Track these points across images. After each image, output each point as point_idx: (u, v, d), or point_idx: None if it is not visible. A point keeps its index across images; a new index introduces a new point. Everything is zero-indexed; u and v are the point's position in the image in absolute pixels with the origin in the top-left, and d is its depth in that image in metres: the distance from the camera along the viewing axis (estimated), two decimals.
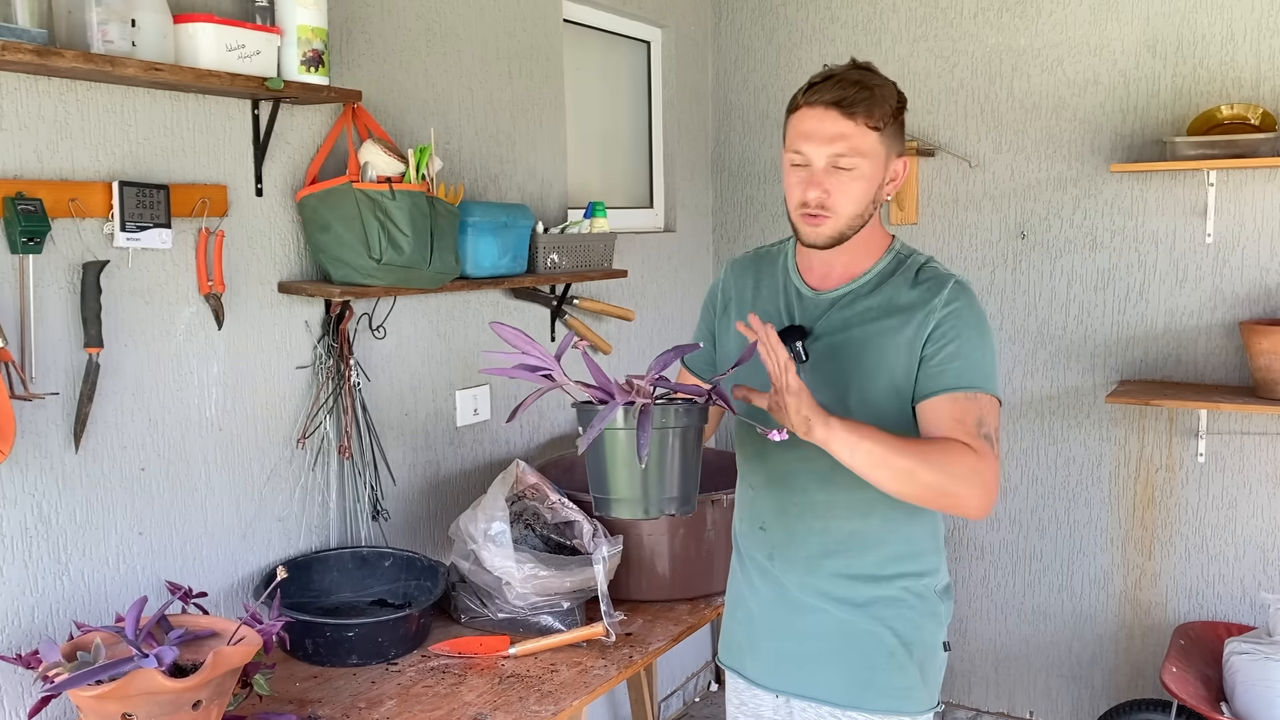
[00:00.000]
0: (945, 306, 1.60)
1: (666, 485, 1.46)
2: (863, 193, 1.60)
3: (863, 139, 1.58)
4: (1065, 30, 3.15)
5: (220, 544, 2.10)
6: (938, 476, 1.48)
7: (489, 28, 2.69)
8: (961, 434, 1.53)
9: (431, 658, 2.06)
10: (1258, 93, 2.92)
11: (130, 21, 1.75)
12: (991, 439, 1.54)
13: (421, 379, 2.53)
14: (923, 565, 1.72)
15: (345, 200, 2.10)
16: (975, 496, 1.50)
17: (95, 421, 1.87)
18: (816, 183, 1.59)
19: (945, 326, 1.59)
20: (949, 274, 1.66)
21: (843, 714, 1.71)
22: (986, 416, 1.55)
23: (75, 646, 1.62)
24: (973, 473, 1.50)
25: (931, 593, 1.72)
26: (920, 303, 1.62)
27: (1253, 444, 3.01)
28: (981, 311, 1.63)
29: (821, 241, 1.63)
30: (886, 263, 1.69)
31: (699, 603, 2.36)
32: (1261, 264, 2.96)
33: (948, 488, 1.49)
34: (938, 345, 1.58)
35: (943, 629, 1.75)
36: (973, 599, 3.47)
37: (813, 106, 1.59)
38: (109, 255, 1.85)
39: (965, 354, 1.58)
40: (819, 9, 3.52)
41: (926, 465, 1.48)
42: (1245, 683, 2.59)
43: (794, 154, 1.61)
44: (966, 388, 1.56)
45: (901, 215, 3.42)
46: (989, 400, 1.57)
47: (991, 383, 1.59)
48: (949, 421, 1.55)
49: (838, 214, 1.60)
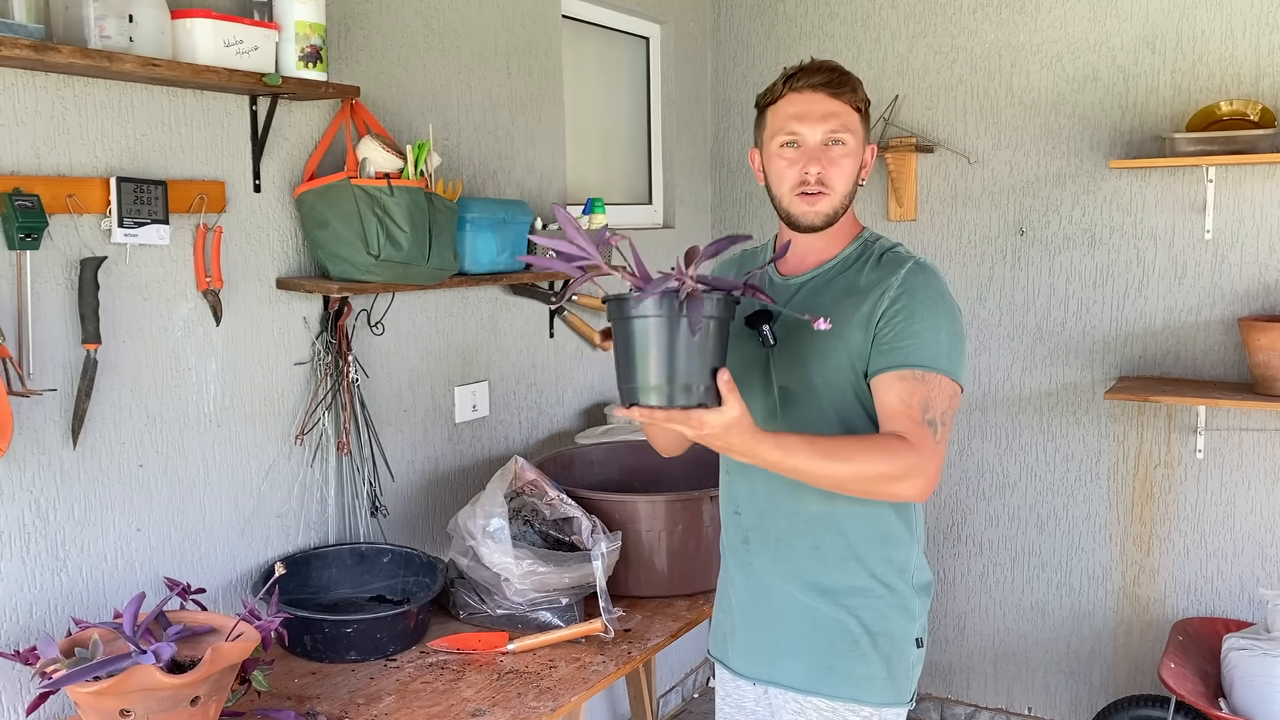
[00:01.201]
0: (901, 285, 1.62)
1: (699, 374, 1.40)
2: (851, 170, 1.67)
3: (850, 117, 1.67)
4: (1064, 26, 3.15)
5: (219, 540, 2.10)
6: (867, 484, 1.51)
7: (487, 23, 2.68)
8: (904, 418, 1.54)
9: (430, 654, 2.06)
10: (1257, 89, 2.92)
11: (128, 17, 1.74)
12: (935, 424, 1.54)
13: (420, 375, 2.53)
14: (894, 553, 1.71)
15: (343, 196, 2.09)
16: (910, 488, 1.52)
17: (93, 418, 1.86)
18: (815, 158, 1.65)
19: (900, 304, 1.60)
20: (910, 255, 1.68)
21: (804, 699, 1.73)
22: (934, 399, 1.55)
23: (73, 643, 1.62)
24: (905, 469, 1.50)
25: (904, 585, 1.72)
26: (878, 281, 1.64)
27: (1251, 440, 3.01)
28: (941, 292, 1.63)
29: (819, 221, 1.67)
30: (853, 249, 1.73)
31: (698, 598, 2.36)
32: (1260, 260, 2.96)
33: (878, 488, 1.52)
34: (891, 323, 1.59)
35: (915, 624, 1.73)
36: (971, 595, 3.47)
37: (800, 91, 1.66)
38: (107, 251, 1.85)
39: (916, 332, 1.58)
40: (818, 5, 3.52)
41: (855, 475, 1.50)
42: (1244, 679, 2.60)
43: (785, 136, 1.66)
44: (916, 366, 1.56)
45: (901, 211, 3.42)
46: (940, 381, 1.56)
47: (945, 363, 1.58)
48: (895, 402, 1.55)
49: (834, 190, 1.66)
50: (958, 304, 1.66)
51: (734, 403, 1.38)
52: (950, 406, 1.57)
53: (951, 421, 1.58)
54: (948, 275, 3.29)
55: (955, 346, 1.61)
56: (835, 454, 1.49)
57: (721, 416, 1.38)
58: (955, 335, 1.62)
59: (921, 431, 1.53)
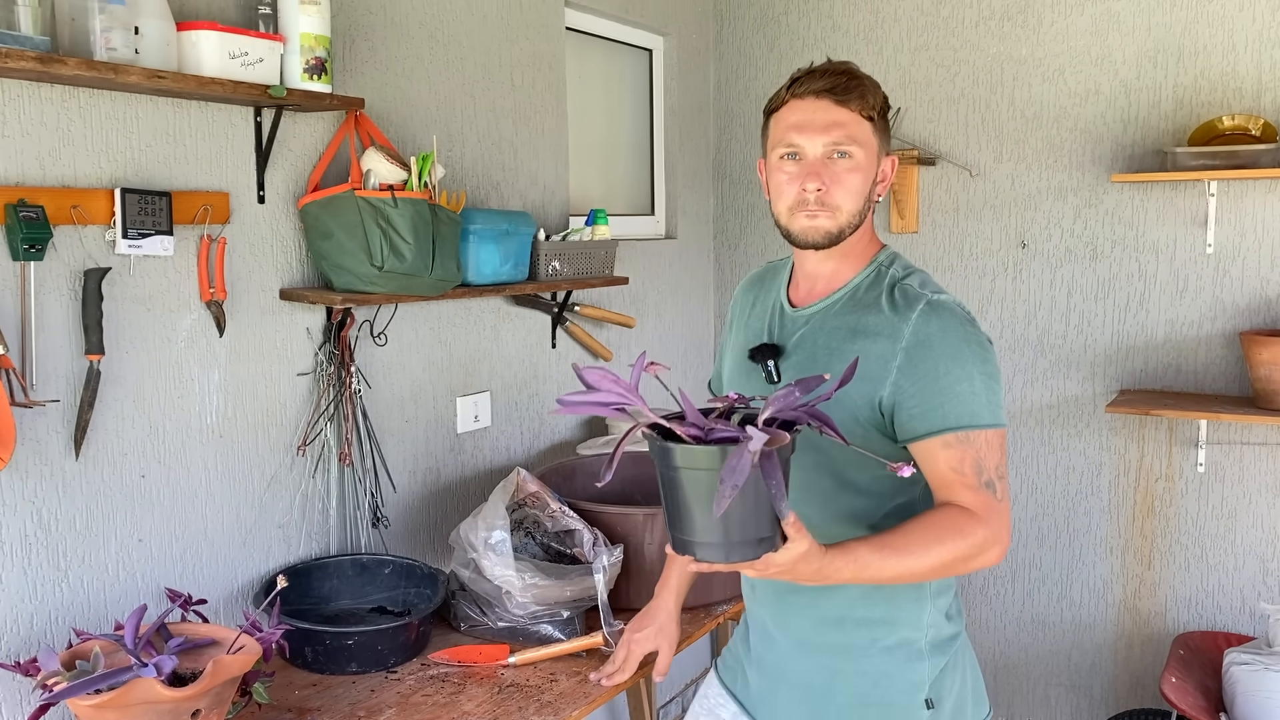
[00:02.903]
0: (914, 334, 1.48)
1: (767, 525, 1.25)
2: (860, 185, 1.53)
3: (858, 127, 1.52)
4: (1067, 40, 3.16)
5: (220, 551, 2.10)
6: (947, 571, 1.43)
7: (492, 35, 2.69)
8: (960, 487, 1.44)
9: (431, 666, 2.06)
10: (1259, 104, 2.92)
11: (133, 29, 1.75)
12: (994, 484, 1.44)
13: (422, 386, 2.53)
14: (898, 613, 1.58)
15: (347, 208, 2.10)
16: (989, 559, 1.43)
17: (96, 428, 1.86)
18: (814, 173, 1.51)
19: (919, 358, 1.46)
20: (922, 294, 1.52)
21: None
22: (985, 458, 1.44)
23: (74, 655, 1.62)
24: (981, 545, 1.41)
25: (910, 646, 1.58)
26: (887, 328, 1.50)
27: (1253, 454, 3.01)
28: (962, 336, 1.48)
29: (821, 239, 1.54)
30: (865, 275, 1.59)
31: (698, 612, 2.35)
32: (1262, 274, 2.96)
33: (957, 569, 1.43)
34: (914, 382, 1.46)
35: (924, 688, 1.58)
36: (972, 607, 3.47)
37: (802, 98, 1.53)
38: (110, 262, 1.85)
39: (947, 388, 1.45)
40: (820, 18, 3.53)
41: (933, 567, 1.40)
42: (1245, 693, 2.59)
43: (785, 148, 1.53)
44: (956, 428, 1.44)
45: (902, 224, 3.42)
46: (985, 436, 1.44)
47: (985, 414, 1.45)
48: (946, 472, 1.45)
49: (838, 209, 1.52)
50: (984, 334, 1.52)
51: (800, 540, 1.28)
52: (1002, 458, 1.46)
53: (1006, 469, 1.47)
54: (950, 287, 3.31)
55: (991, 390, 1.47)
56: (907, 550, 1.38)
57: (788, 555, 1.28)
58: (988, 377, 1.47)
59: (983, 499, 1.43)
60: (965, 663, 1.66)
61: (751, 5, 3.65)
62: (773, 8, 3.61)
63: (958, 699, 1.63)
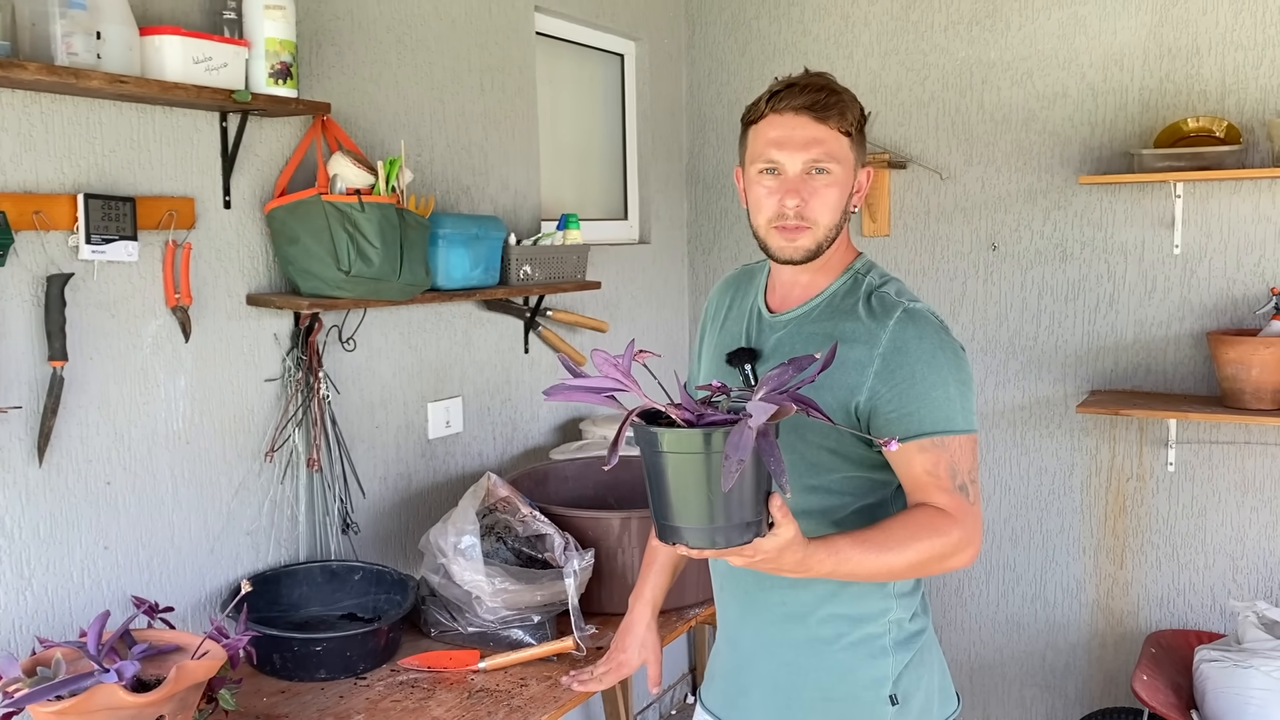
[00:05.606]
0: (890, 341, 1.50)
1: (753, 508, 1.25)
2: (837, 200, 1.54)
3: (836, 144, 1.53)
4: (1034, 44, 3.18)
5: (187, 558, 2.09)
6: (922, 569, 1.46)
7: (460, 40, 2.69)
8: (935, 490, 1.47)
9: (400, 672, 2.05)
10: (1223, 106, 2.95)
11: (95, 34, 1.74)
12: (967, 487, 1.48)
13: (392, 391, 2.52)
14: (863, 609, 1.59)
15: (314, 212, 2.09)
16: (963, 559, 1.46)
17: (59, 435, 1.85)
18: (793, 190, 1.52)
19: (894, 365, 1.49)
20: (898, 302, 1.54)
21: None
22: (959, 462, 1.48)
23: (36, 662, 1.60)
24: (955, 545, 1.45)
25: (875, 642, 1.60)
26: (864, 334, 1.52)
27: (1221, 453, 3.03)
28: (937, 342, 1.51)
29: (799, 256, 1.55)
30: (842, 282, 1.60)
31: (671, 615, 2.35)
32: (1228, 275, 2.99)
33: (932, 568, 1.46)
34: (891, 387, 1.48)
35: (888, 683, 1.59)
36: (947, 609, 3.48)
37: (781, 113, 1.53)
38: (74, 268, 1.84)
39: (923, 394, 1.47)
40: (791, 23, 3.54)
41: (910, 564, 1.43)
42: (1215, 690, 2.61)
43: (764, 163, 1.54)
44: (931, 433, 1.47)
45: (874, 227, 3.44)
46: (959, 441, 1.48)
47: (959, 420, 1.48)
48: (921, 474, 1.48)
49: (816, 224, 1.53)
50: (957, 342, 1.54)
51: (788, 525, 1.28)
52: (974, 462, 1.50)
53: (978, 473, 1.52)
54: (921, 290, 3.33)
55: (964, 395, 1.50)
56: (886, 546, 1.40)
57: (776, 541, 1.28)
58: (962, 384, 1.50)
59: (957, 500, 1.46)
60: (931, 659, 1.67)
61: (723, 10, 3.67)
62: (744, 13, 3.63)
63: (924, 695, 1.64)
